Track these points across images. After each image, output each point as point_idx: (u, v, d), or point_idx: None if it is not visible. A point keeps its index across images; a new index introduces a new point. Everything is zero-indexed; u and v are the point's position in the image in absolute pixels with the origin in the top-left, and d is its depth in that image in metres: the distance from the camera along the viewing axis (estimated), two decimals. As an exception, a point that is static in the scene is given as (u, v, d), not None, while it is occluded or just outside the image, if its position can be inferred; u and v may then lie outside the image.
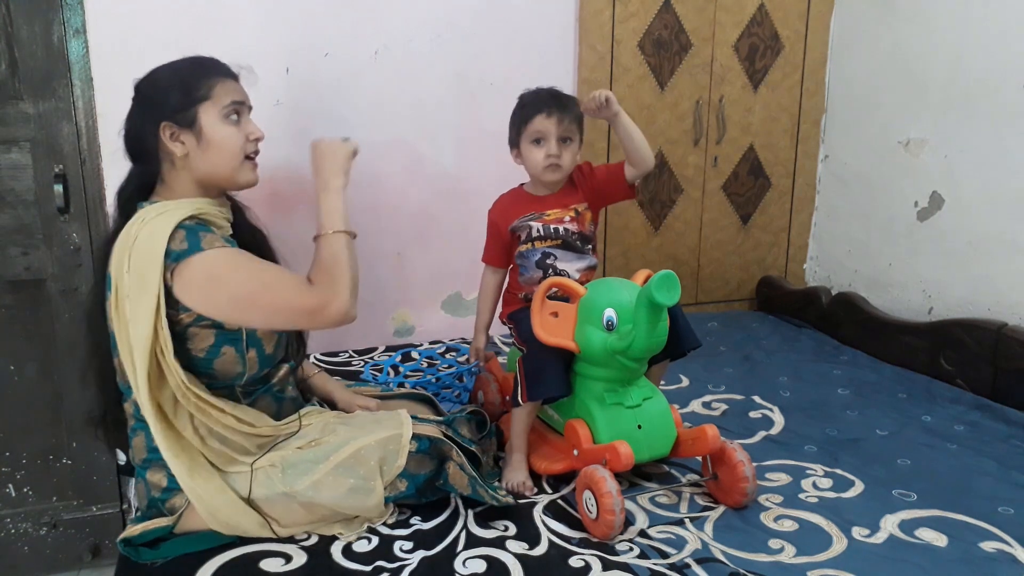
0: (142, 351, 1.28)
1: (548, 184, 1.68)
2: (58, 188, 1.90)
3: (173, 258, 1.29)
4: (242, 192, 1.49)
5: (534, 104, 1.64)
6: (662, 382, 1.75)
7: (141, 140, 1.37)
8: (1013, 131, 2.05)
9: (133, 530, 1.33)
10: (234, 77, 1.42)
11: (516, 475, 1.53)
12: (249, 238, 1.50)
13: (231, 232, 1.44)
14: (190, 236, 1.31)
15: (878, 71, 2.46)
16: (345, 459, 1.36)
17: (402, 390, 1.79)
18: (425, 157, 2.28)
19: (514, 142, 1.69)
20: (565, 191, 1.70)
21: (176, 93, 1.36)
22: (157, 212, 1.33)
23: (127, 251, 1.30)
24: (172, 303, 1.31)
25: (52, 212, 1.93)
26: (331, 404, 1.64)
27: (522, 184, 1.75)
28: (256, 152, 1.44)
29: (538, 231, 1.68)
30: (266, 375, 1.45)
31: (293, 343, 1.55)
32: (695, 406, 1.96)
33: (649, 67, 2.45)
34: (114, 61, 1.91)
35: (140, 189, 1.40)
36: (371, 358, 2.19)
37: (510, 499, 1.44)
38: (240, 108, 1.41)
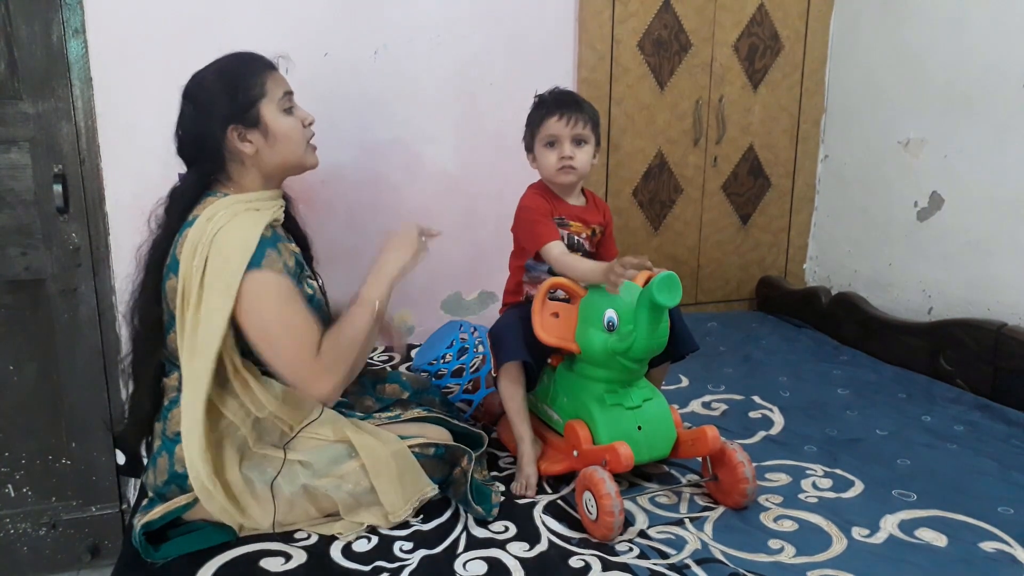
0: (212, 342, 1.30)
1: (561, 187, 1.64)
2: (57, 188, 1.90)
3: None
4: None
5: (547, 106, 1.62)
6: (662, 383, 1.75)
7: (203, 144, 1.40)
8: (1013, 131, 2.05)
9: (153, 514, 1.34)
10: (275, 68, 1.47)
11: (527, 467, 1.54)
12: (298, 233, 1.57)
13: (282, 220, 1.49)
14: (258, 250, 1.33)
15: (878, 71, 2.46)
16: (369, 461, 1.38)
17: (416, 413, 1.63)
18: (425, 157, 2.28)
19: (529, 146, 1.66)
20: (589, 209, 1.67)
21: (235, 95, 1.39)
22: (232, 212, 1.36)
23: (204, 243, 1.32)
24: None
25: (51, 212, 1.92)
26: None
27: (540, 181, 1.68)
28: (312, 135, 1.49)
29: (563, 237, 1.66)
30: None
31: None
32: (695, 406, 1.96)
33: (649, 67, 2.45)
34: (113, 61, 1.91)
35: (198, 189, 1.42)
36: (371, 358, 2.19)
37: (492, 517, 1.43)
38: (291, 97, 1.46)
